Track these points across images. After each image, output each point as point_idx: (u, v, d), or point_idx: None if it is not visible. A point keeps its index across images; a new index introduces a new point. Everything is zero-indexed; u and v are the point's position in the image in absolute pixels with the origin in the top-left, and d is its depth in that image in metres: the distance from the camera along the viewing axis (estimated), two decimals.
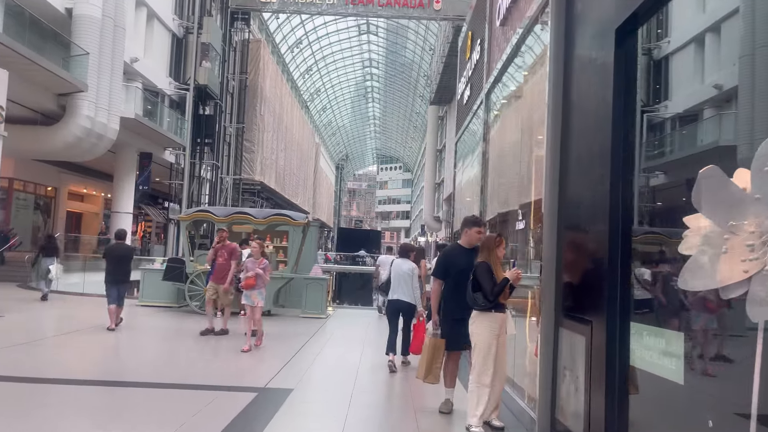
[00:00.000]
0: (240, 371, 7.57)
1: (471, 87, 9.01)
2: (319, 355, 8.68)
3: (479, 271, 5.32)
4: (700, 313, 2.57)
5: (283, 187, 44.83)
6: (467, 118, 9.35)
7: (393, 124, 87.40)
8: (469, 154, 10.07)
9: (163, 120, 27.33)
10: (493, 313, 5.31)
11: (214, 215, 12.50)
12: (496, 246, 5.46)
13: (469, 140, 9.84)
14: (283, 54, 51.90)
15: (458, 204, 10.93)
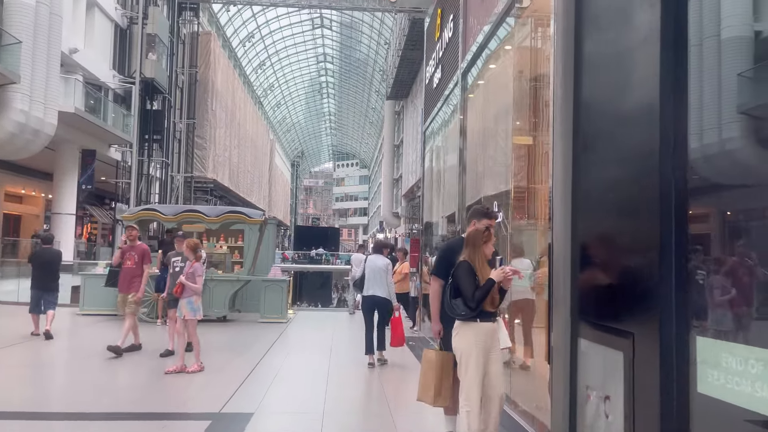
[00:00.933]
0: (189, 394, 6.52)
1: (442, 69, 8.30)
2: (281, 368, 7.75)
3: (458, 273, 4.45)
4: None
5: (237, 184, 43.49)
6: (438, 103, 8.63)
7: (349, 120, 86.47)
8: (440, 141, 9.36)
9: (107, 115, 25.83)
10: (479, 323, 4.40)
11: (161, 214, 11.46)
12: (484, 242, 4.59)
13: (440, 127, 9.11)
14: (234, 48, 50.36)
15: (428, 194, 10.21)
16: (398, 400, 6.23)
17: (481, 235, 4.65)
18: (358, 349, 9.23)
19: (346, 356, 8.83)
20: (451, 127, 8.20)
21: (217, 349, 9.05)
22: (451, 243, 5.38)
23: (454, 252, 4.78)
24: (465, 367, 4.37)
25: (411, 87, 46.44)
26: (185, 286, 7.20)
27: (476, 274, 4.37)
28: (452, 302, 4.42)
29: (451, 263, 4.64)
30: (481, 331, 4.39)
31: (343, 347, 9.61)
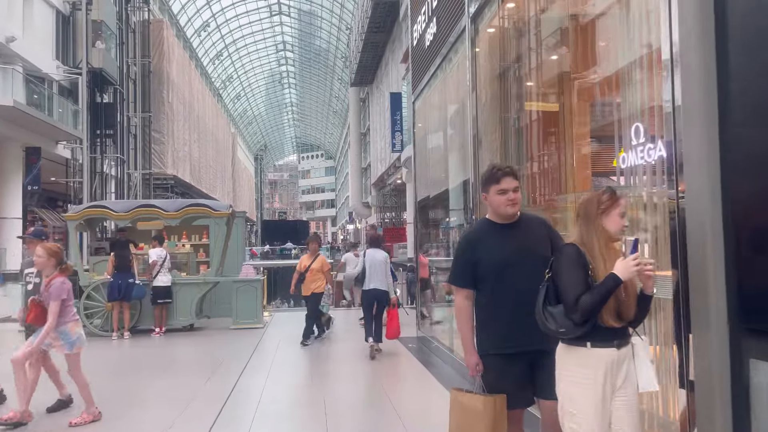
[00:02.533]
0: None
1: (438, 22, 7.00)
2: (263, 396, 5.99)
3: (559, 264, 2.73)
4: None
5: (199, 180, 41.66)
6: (434, 64, 7.34)
7: (312, 110, 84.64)
8: (437, 108, 8.08)
9: (53, 109, 23.86)
10: (590, 349, 2.64)
11: (111, 211, 9.91)
12: (603, 211, 2.70)
13: (438, 89, 7.83)
14: (189, 38, 48.18)
15: (421, 169, 8.94)
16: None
17: (597, 203, 2.71)
18: (352, 358, 7.98)
19: (339, 368, 7.53)
20: (455, 87, 6.93)
21: (180, 369, 7.63)
22: (470, 232, 3.54)
23: (476, 245, 3.19)
24: (574, 425, 2.66)
25: (376, 72, 45.13)
26: (48, 310, 4.89)
27: (590, 266, 2.64)
28: (546, 311, 2.72)
29: (477, 262, 3.12)
30: (596, 362, 2.61)
31: (334, 356, 8.29)
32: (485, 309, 3.19)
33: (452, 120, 7.19)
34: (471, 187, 5.76)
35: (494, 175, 3.14)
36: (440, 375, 6.64)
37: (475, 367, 3.15)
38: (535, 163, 5.65)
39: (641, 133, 3.66)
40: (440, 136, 8.02)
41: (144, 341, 9.54)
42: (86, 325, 9.93)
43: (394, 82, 37.12)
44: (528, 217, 3.32)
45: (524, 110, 5.57)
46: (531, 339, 2.98)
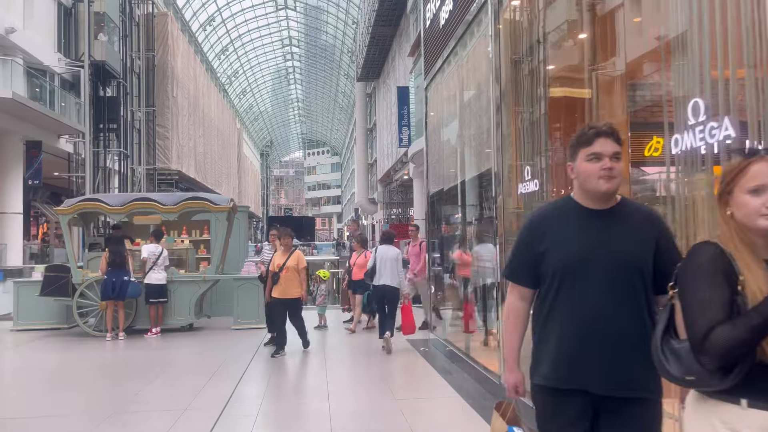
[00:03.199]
0: None
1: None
2: (261, 407, 5.41)
3: (684, 278, 1.81)
4: None
5: (204, 176, 41.19)
6: (449, 45, 6.77)
7: (318, 106, 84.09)
8: (451, 95, 7.50)
9: (54, 102, 23.39)
10: (747, 410, 1.66)
11: (105, 204, 9.38)
12: (729, 188, 1.79)
13: (452, 78, 7.26)
14: (195, 33, 47.68)
15: (433, 161, 8.36)
16: None
17: (726, 174, 1.81)
18: (359, 364, 7.44)
19: (346, 375, 6.99)
20: (473, 70, 6.36)
21: (173, 375, 7.05)
22: (539, 213, 2.45)
23: (545, 229, 2.28)
24: None
25: (382, 66, 44.50)
26: None
27: (738, 277, 1.69)
28: (666, 347, 1.82)
29: (539, 252, 2.25)
30: (743, 425, 1.67)
31: (339, 361, 7.74)
32: (544, 321, 2.28)
33: (470, 106, 6.63)
34: (494, 178, 5.20)
35: (584, 135, 2.20)
36: (457, 384, 6.09)
37: (514, 389, 2.40)
38: (560, 153, 5.08)
39: (701, 110, 3.11)
40: (455, 125, 7.45)
41: (139, 342, 9.04)
42: (79, 325, 9.46)
43: (401, 77, 36.50)
44: (631, 207, 2.31)
45: (551, 93, 5.01)
46: (602, 376, 2.11)
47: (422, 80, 29.76)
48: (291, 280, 7.60)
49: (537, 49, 5.09)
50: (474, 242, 6.72)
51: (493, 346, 6.77)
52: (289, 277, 7.60)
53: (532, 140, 5.28)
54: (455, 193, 7.18)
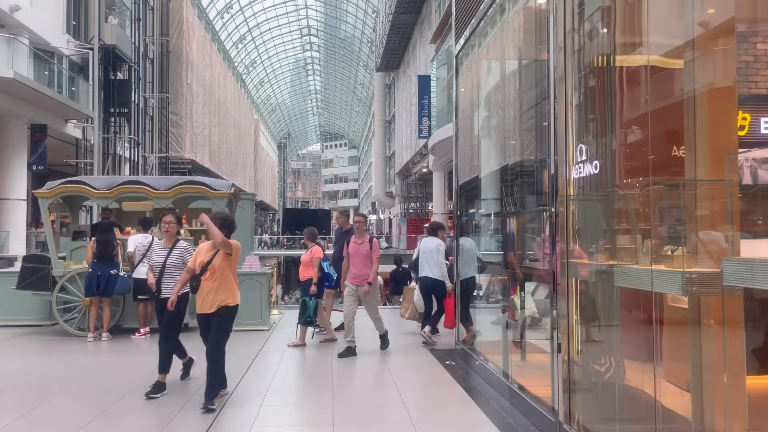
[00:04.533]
0: None
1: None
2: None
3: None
4: None
5: (219, 166, 40.34)
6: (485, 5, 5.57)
7: (336, 98, 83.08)
8: (491, 66, 6.31)
9: (62, 85, 22.54)
10: None
11: (90, 187, 8.32)
12: None
13: (492, 46, 6.07)
14: (212, 20, 46.76)
15: (465, 146, 7.16)
16: None
17: None
18: (372, 379, 6.30)
19: (357, 394, 5.85)
20: (520, 35, 5.17)
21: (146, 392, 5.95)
22: None
23: None
24: None
25: (403, 56, 43.36)
26: None
27: None
28: None
29: None
30: None
31: (348, 376, 6.59)
32: None
33: (518, 76, 5.44)
34: (553, 164, 4.02)
35: None
36: (490, 409, 4.94)
37: None
38: (632, 134, 3.92)
39: None
40: (495, 102, 6.25)
41: (124, 345, 7.97)
42: (59, 323, 8.43)
43: (422, 65, 35.36)
44: None
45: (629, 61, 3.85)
46: None
47: (444, 70, 28.38)
48: (218, 285, 5.14)
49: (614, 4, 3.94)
50: (520, 237, 5.53)
51: (538, 361, 5.60)
52: (213, 278, 5.13)
53: (597, 117, 4.12)
54: (496, 178, 5.98)
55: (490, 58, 6.33)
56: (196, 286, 5.18)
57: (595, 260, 3.89)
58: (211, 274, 5.12)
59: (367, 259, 7.37)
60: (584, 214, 3.98)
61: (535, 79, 5.00)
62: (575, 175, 4.20)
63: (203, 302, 5.16)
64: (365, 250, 7.37)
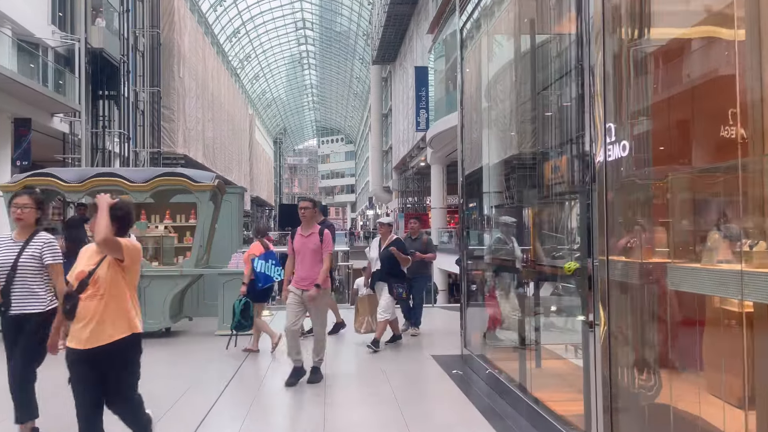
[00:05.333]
0: None
1: None
2: None
3: None
4: None
5: (213, 161, 39.58)
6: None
7: (332, 92, 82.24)
8: (502, 40, 5.61)
9: (48, 78, 21.77)
10: None
11: (59, 180, 7.61)
12: None
13: (505, 18, 5.37)
14: (205, 13, 45.90)
15: (470, 132, 6.44)
16: None
17: None
18: (371, 395, 5.60)
19: (353, 416, 5.15)
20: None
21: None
22: None
23: None
24: None
25: (399, 48, 42.61)
26: None
27: None
28: None
29: None
30: None
31: (345, 394, 5.89)
32: None
33: (536, 50, 4.74)
34: (591, 145, 3.32)
35: None
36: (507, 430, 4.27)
37: None
38: (677, 111, 3.25)
39: None
40: (507, 80, 5.55)
41: None
42: None
43: (419, 57, 34.63)
44: None
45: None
46: None
47: (442, 62, 27.61)
48: (113, 304, 3.39)
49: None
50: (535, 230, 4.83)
51: (555, 369, 4.94)
52: (95, 295, 3.35)
53: (629, 94, 3.43)
54: (506, 166, 5.28)
55: (504, 28, 5.61)
56: (71, 309, 3.32)
57: (637, 257, 3.20)
58: (93, 290, 3.34)
59: (316, 257, 5.78)
60: (623, 203, 3.29)
61: (557, 53, 4.32)
62: (600, 158, 3.51)
63: (81, 333, 3.30)
64: (314, 245, 5.77)
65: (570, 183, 3.65)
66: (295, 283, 5.84)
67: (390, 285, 7.24)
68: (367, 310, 7.52)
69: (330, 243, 5.92)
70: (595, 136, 3.22)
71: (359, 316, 7.60)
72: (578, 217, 4.20)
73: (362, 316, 7.57)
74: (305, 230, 5.92)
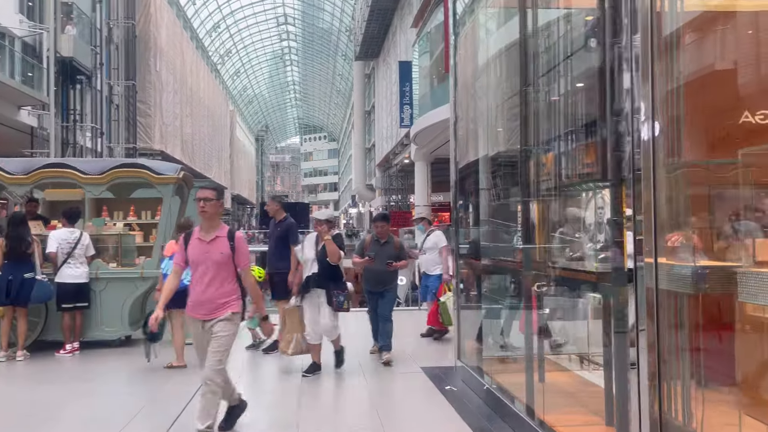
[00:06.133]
0: None
1: None
2: None
3: None
4: None
5: (192, 158, 38.58)
6: None
7: (315, 89, 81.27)
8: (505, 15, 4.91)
9: (14, 69, 20.74)
10: None
11: (2, 172, 6.79)
12: None
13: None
14: (183, 6, 44.77)
15: (465, 121, 5.74)
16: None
17: None
18: (344, 411, 4.89)
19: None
20: None
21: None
22: None
23: None
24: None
25: (383, 44, 41.87)
26: None
27: None
28: None
29: None
30: None
31: (320, 414, 5.16)
32: None
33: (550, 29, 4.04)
34: (630, 117, 2.62)
35: None
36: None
37: None
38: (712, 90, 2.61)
39: None
40: (514, 56, 4.84)
41: (44, 365, 6.40)
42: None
43: (403, 53, 33.94)
44: None
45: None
46: None
47: (426, 58, 26.82)
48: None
49: None
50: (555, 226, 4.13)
51: (562, 384, 4.29)
52: None
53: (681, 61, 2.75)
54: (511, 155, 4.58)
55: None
56: None
57: (684, 259, 2.52)
58: None
59: (223, 273, 4.08)
60: (672, 192, 2.61)
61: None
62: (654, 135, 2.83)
63: None
64: (220, 255, 4.05)
65: (603, 169, 2.97)
66: (192, 310, 4.11)
67: (329, 293, 5.89)
68: (297, 326, 6.00)
69: (246, 254, 4.22)
70: (642, 110, 2.52)
71: (286, 333, 6.03)
72: (597, 210, 3.52)
73: (290, 334, 6.02)
74: (207, 233, 4.11)
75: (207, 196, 4.12)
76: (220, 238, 4.08)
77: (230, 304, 4.07)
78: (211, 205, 4.09)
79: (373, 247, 6.61)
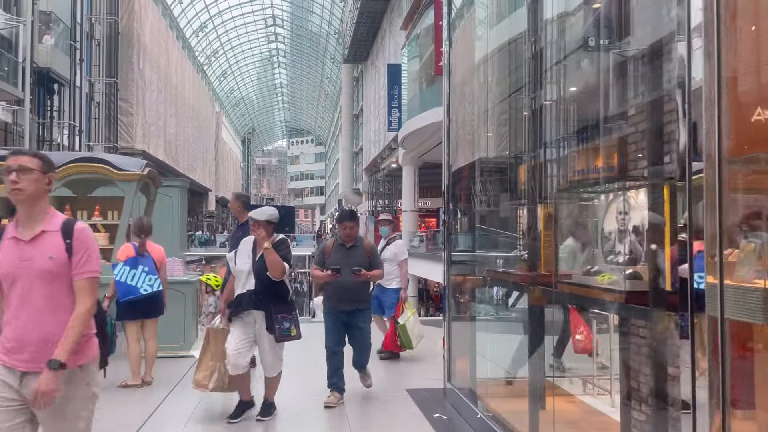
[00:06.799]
0: None
1: None
2: None
3: None
4: None
5: (175, 159, 37.85)
6: None
7: (303, 92, 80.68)
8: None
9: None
10: None
11: None
12: None
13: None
14: (170, 5, 44.01)
15: (458, 121, 5.16)
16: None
17: None
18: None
19: None
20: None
21: None
22: None
23: None
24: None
25: (371, 48, 41.37)
26: None
27: None
28: None
29: None
30: None
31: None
32: None
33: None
34: (690, 110, 2.05)
35: None
36: None
37: None
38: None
39: None
40: (506, 55, 4.29)
41: None
42: None
43: (391, 56, 33.46)
44: None
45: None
46: None
47: (416, 63, 26.27)
48: None
49: None
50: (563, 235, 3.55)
51: (568, 414, 3.71)
52: None
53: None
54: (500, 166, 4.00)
55: None
56: None
57: (745, 277, 1.95)
58: None
59: (54, 289, 2.45)
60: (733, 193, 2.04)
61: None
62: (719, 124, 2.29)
63: None
64: (49, 261, 2.44)
65: (651, 161, 2.39)
66: (7, 353, 2.44)
67: (271, 316, 4.50)
68: (221, 354, 4.67)
69: (95, 258, 2.50)
70: (706, 95, 1.95)
71: (208, 360, 4.76)
72: (621, 216, 2.95)
73: (213, 362, 4.73)
74: (26, 227, 2.49)
75: (22, 163, 2.41)
76: (51, 234, 2.46)
77: (77, 350, 2.40)
78: (30, 179, 2.42)
79: (336, 254, 5.26)
